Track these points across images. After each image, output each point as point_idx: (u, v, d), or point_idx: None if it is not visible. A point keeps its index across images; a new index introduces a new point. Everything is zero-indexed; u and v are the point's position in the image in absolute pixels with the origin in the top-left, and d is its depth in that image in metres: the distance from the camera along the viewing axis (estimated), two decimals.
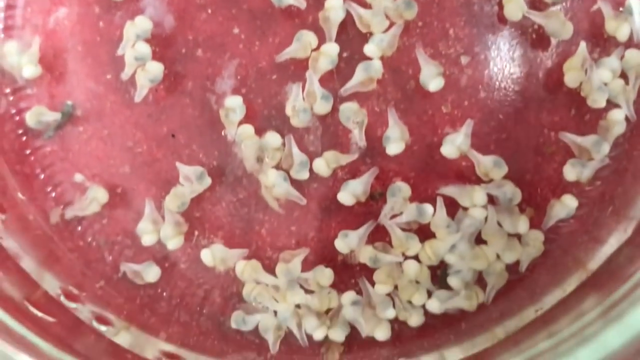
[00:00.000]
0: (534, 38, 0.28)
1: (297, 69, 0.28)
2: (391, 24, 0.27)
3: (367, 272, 0.28)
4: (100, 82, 0.29)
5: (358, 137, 0.27)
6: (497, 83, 0.28)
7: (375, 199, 0.28)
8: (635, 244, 0.27)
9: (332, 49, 0.27)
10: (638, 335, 0.20)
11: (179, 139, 0.28)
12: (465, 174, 0.28)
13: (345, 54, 0.28)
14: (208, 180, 0.28)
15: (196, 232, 0.29)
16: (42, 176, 0.29)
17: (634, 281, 0.23)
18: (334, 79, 0.28)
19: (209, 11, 0.29)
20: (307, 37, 0.27)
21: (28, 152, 0.29)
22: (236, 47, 0.28)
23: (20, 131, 0.29)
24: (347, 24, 0.28)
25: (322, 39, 0.28)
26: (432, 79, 0.27)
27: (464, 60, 0.28)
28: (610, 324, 0.20)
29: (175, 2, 0.29)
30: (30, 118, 0.29)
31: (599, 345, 0.20)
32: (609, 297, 0.23)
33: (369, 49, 0.27)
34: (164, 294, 0.29)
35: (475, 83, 0.28)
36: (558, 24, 0.27)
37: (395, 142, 0.27)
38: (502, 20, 0.28)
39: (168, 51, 0.29)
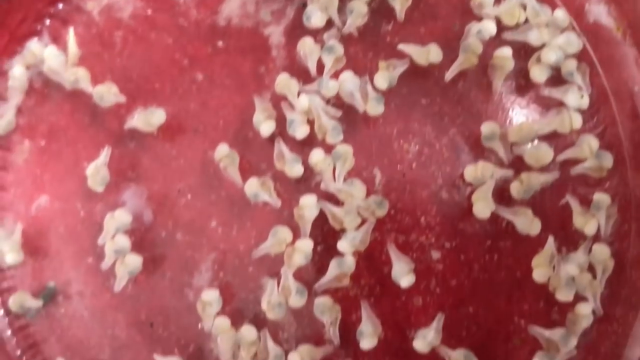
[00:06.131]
0: (503, 227, 0.29)
1: (273, 263, 0.28)
2: (364, 221, 0.28)
3: None
4: (81, 266, 0.30)
5: (332, 334, 0.28)
6: (468, 274, 0.29)
7: None
8: None
9: (306, 245, 0.28)
10: None
11: (157, 327, 0.29)
12: None
13: (319, 248, 0.28)
14: None
15: None
16: (24, 358, 0.30)
17: None
18: (309, 272, 0.28)
19: (189, 197, 0.30)
20: (282, 233, 0.28)
21: (9, 332, 0.30)
22: (214, 233, 0.29)
23: (1, 312, 0.30)
24: (321, 219, 0.28)
25: (297, 233, 0.28)
26: (403, 275, 0.28)
27: (435, 254, 0.29)
28: None
29: (154, 191, 0.29)
30: (13, 304, 0.29)
31: None
32: None
33: (342, 245, 0.28)
34: None
35: (446, 274, 0.29)
36: (526, 220, 0.28)
37: (368, 337, 0.28)
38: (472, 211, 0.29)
39: (148, 235, 0.29)
